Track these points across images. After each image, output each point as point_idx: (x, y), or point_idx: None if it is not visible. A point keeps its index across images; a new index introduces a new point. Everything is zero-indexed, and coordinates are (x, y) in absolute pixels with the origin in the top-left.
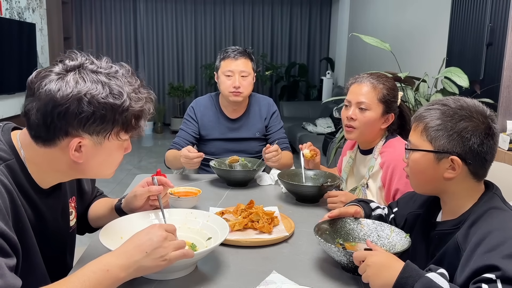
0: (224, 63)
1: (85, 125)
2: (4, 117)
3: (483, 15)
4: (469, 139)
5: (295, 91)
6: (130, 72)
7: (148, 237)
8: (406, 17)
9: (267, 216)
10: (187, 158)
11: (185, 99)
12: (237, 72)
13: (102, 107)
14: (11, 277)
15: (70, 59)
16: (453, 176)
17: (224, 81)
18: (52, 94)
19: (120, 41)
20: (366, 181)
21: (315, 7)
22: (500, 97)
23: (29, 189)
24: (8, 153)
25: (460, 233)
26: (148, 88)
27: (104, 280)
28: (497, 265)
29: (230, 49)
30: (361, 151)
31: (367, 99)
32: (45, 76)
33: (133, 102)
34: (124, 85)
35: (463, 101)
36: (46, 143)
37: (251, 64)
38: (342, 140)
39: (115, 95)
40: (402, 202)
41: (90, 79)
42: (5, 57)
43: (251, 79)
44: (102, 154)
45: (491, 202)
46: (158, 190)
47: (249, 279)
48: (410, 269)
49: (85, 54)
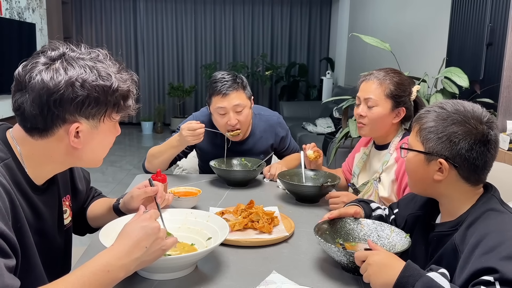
0: (215, 100)
1: (81, 109)
2: (4, 117)
3: (483, 15)
4: (457, 144)
5: (295, 91)
6: (108, 56)
7: (144, 231)
8: (406, 17)
9: (267, 216)
10: (190, 129)
11: (185, 99)
12: (230, 108)
13: (94, 90)
14: (9, 278)
15: (51, 49)
16: (441, 179)
17: (217, 119)
18: (45, 83)
19: (120, 41)
20: (379, 175)
21: (315, 7)
22: (500, 97)
23: (26, 187)
24: (5, 152)
25: (457, 235)
26: (129, 69)
27: (104, 281)
28: (495, 267)
29: (219, 81)
30: (376, 147)
31: (374, 95)
32: (33, 67)
33: (121, 83)
34: (108, 67)
35: (461, 105)
36: (43, 134)
37: (244, 94)
38: (342, 140)
39: (103, 77)
40: (402, 204)
41: (77, 64)
42: (5, 57)
43: (248, 110)
44: (97, 137)
45: (489, 204)
46: (153, 191)
47: (249, 279)
48: (411, 269)
49: (63, 43)
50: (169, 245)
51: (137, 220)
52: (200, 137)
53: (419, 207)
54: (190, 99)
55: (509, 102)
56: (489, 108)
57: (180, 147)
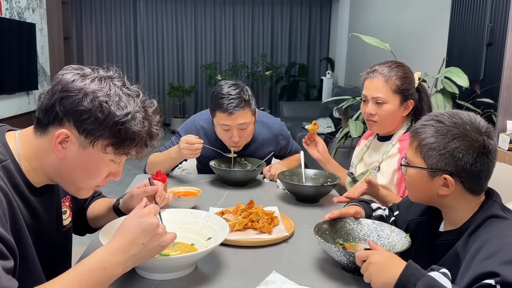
0: (220, 116)
1: (78, 120)
2: (4, 117)
3: (483, 15)
4: (461, 159)
5: (295, 91)
6: (155, 109)
7: (141, 227)
8: (406, 17)
9: (267, 216)
10: (188, 143)
11: (185, 99)
12: (235, 126)
13: (100, 110)
14: (7, 279)
15: (105, 70)
16: (447, 194)
17: (220, 133)
18: (65, 81)
19: (120, 41)
20: (378, 164)
21: (315, 7)
22: (500, 97)
23: (24, 189)
24: (3, 153)
25: (460, 242)
26: (163, 129)
27: (101, 278)
28: (496, 272)
29: (225, 98)
30: (378, 138)
31: (382, 93)
32: (69, 71)
33: (134, 122)
34: (136, 106)
35: (459, 117)
36: (43, 130)
37: (250, 111)
38: (342, 140)
39: (119, 106)
40: (403, 207)
41: (107, 85)
42: (5, 57)
43: (252, 126)
44: (82, 159)
45: (490, 210)
46: (153, 190)
47: (249, 279)
48: (412, 268)
49: (121, 73)
50: (169, 240)
51: (135, 215)
52: (197, 153)
53: (421, 212)
54: (190, 99)
55: (509, 102)
56: (489, 108)
57: (178, 159)
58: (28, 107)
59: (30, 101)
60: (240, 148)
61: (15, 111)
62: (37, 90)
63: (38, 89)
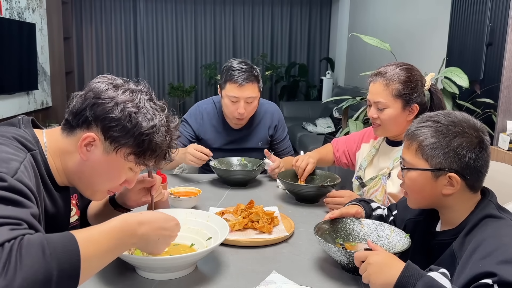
0: (230, 87)
1: (106, 126)
2: (4, 117)
3: (483, 15)
4: (465, 155)
5: (295, 91)
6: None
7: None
8: (406, 17)
9: (267, 216)
10: (197, 150)
11: (185, 99)
12: (242, 98)
13: (128, 119)
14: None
15: (135, 84)
16: (452, 192)
17: (228, 104)
18: (98, 89)
19: (120, 41)
20: (389, 170)
21: (315, 7)
22: (500, 97)
23: (48, 182)
24: (33, 143)
25: (456, 242)
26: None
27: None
28: (493, 271)
29: (237, 70)
30: (387, 142)
31: (382, 98)
32: (103, 80)
33: (157, 135)
34: (161, 120)
35: (454, 116)
36: (70, 131)
37: (257, 87)
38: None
39: (146, 117)
40: (401, 207)
41: (137, 97)
42: (5, 57)
43: (257, 101)
44: (103, 164)
45: (486, 210)
46: (150, 182)
47: (249, 279)
48: (411, 269)
49: (149, 89)
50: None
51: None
52: (199, 163)
53: (418, 211)
54: (190, 99)
55: (509, 102)
56: (489, 108)
57: (180, 161)
58: (28, 107)
59: (30, 101)
60: (242, 123)
61: (15, 111)
62: (37, 90)
63: (38, 89)
